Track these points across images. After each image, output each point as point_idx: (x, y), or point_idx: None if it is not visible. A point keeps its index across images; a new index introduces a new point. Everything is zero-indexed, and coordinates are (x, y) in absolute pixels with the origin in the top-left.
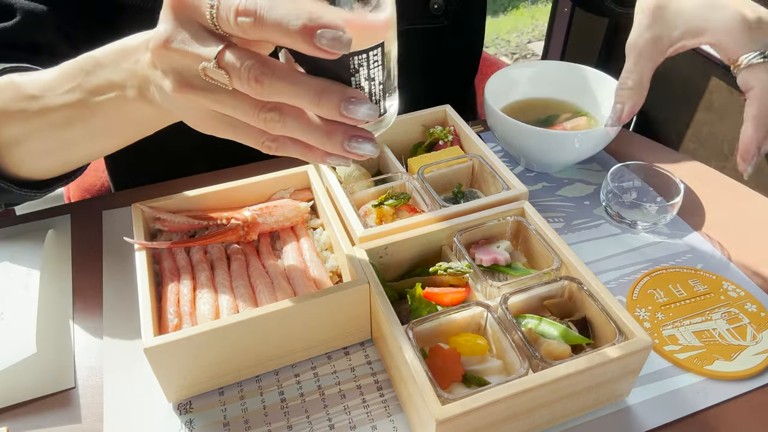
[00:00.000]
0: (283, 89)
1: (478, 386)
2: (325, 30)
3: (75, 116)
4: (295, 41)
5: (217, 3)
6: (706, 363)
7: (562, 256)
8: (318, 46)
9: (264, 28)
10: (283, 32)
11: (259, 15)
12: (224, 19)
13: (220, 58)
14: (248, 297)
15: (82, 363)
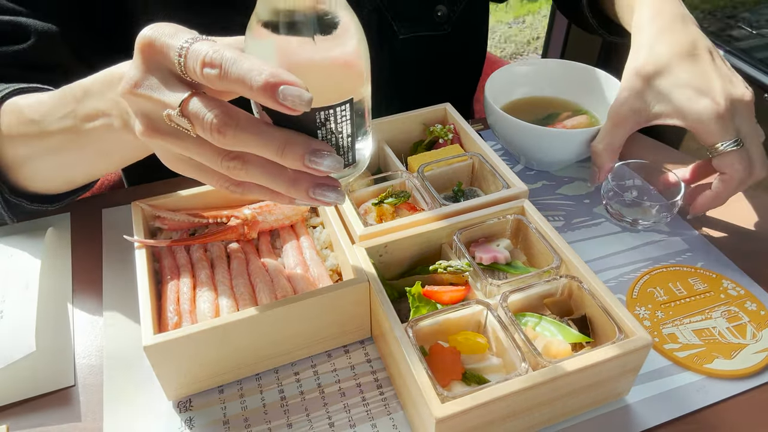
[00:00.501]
0: (246, 140)
1: (478, 384)
2: (288, 87)
3: (69, 141)
4: (257, 96)
5: (185, 52)
6: (706, 361)
7: (562, 254)
8: (280, 102)
9: (228, 81)
10: (246, 87)
11: (224, 68)
12: (191, 69)
13: (184, 107)
14: (248, 295)
15: (81, 361)
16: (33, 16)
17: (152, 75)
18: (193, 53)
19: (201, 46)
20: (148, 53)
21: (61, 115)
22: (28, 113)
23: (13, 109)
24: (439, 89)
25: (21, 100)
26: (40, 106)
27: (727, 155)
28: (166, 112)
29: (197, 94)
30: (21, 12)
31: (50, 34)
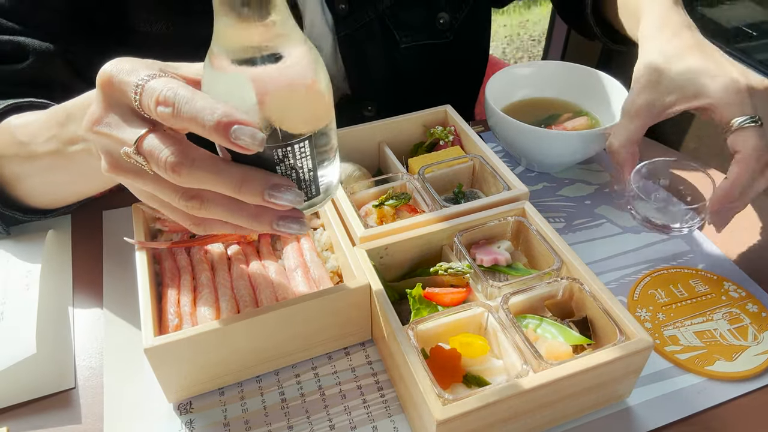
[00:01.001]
0: (202, 178)
1: (479, 387)
2: (240, 127)
3: (55, 164)
4: (211, 135)
5: (141, 90)
6: (707, 363)
7: (563, 256)
8: (232, 141)
9: (181, 119)
10: (199, 126)
11: (177, 107)
12: (146, 106)
13: (140, 144)
14: (249, 297)
15: (82, 363)
16: (32, 35)
17: (112, 112)
18: (148, 91)
19: (156, 84)
20: (108, 90)
21: (45, 138)
22: (18, 134)
23: (6, 129)
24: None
25: (14, 120)
26: (28, 128)
27: (743, 131)
28: (123, 149)
29: (154, 131)
30: (20, 31)
31: (49, 53)
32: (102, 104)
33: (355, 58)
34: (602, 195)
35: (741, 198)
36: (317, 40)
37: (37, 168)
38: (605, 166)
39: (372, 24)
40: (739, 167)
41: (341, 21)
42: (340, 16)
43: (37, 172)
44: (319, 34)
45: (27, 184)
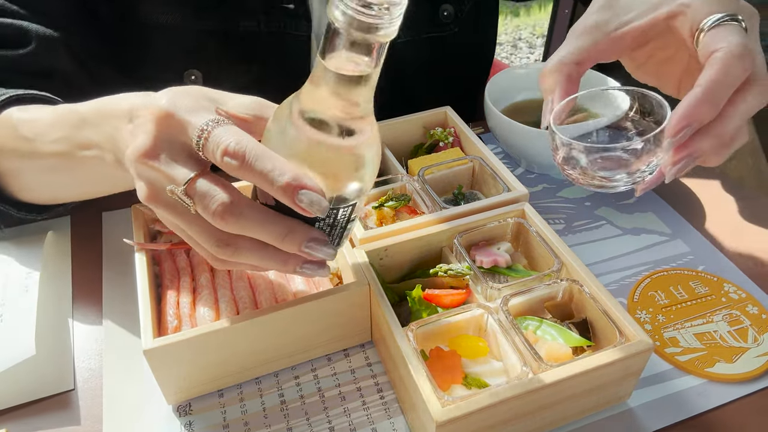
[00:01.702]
0: (248, 227)
1: (479, 388)
2: (307, 192)
3: (60, 165)
4: (276, 194)
5: (207, 135)
6: (707, 365)
7: (562, 257)
8: (296, 203)
9: (249, 173)
10: (267, 182)
11: (248, 162)
12: (210, 152)
13: (190, 186)
14: (248, 299)
15: (81, 365)
16: (35, 20)
17: (163, 146)
18: (215, 138)
19: (223, 132)
20: (164, 125)
21: (54, 138)
22: (21, 129)
23: (7, 122)
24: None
25: (16, 114)
26: (34, 125)
27: (722, 27)
28: (170, 187)
29: (205, 174)
30: (23, 15)
31: (52, 40)
32: (154, 137)
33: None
34: (602, 197)
35: (711, 111)
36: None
37: (38, 166)
38: None
39: None
40: (715, 67)
41: None
42: None
43: (38, 170)
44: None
45: (23, 180)
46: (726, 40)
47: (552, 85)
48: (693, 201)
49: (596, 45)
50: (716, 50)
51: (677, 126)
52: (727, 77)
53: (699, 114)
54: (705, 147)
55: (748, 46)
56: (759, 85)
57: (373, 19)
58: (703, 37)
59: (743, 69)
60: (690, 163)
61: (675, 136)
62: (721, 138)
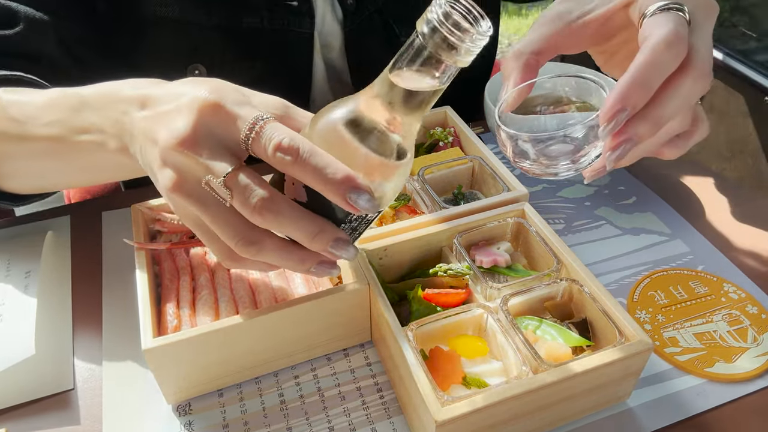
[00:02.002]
0: (283, 224)
1: (478, 388)
2: (362, 192)
3: (52, 150)
4: (329, 190)
5: (259, 129)
6: (707, 365)
7: (562, 257)
8: (347, 200)
9: (302, 168)
10: (320, 178)
11: (302, 157)
12: (261, 146)
13: (230, 178)
14: (248, 298)
15: (81, 364)
16: (25, 2)
17: (204, 136)
18: (268, 132)
19: (276, 127)
20: (210, 115)
21: (48, 120)
22: (11, 111)
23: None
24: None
25: (5, 95)
26: (26, 107)
27: (659, 16)
28: (208, 177)
29: (243, 168)
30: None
31: (41, 23)
32: (194, 126)
33: (359, 54)
34: (602, 196)
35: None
36: (328, 36)
37: (27, 150)
38: None
39: (373, 18)
40: (645, 53)
41: (349, 16)
42: (349, 11)
43: (27, 156)
44: (329, 31)
45: (9, 166)
46: (660, 26)
47: (509, 73)
48: (693, 201)
49: (557, 34)
50: (649, 36)
51: (610, 111)
52: (656, 62)
53: (630, 98)
54: (641, 131)
55: (680, 33)
56: (694, 71)
57: (461, 42)
58: (642, 23)
59: (674, 55)
60: (629, 149)
61: (609, 122)
62: (657, 122)
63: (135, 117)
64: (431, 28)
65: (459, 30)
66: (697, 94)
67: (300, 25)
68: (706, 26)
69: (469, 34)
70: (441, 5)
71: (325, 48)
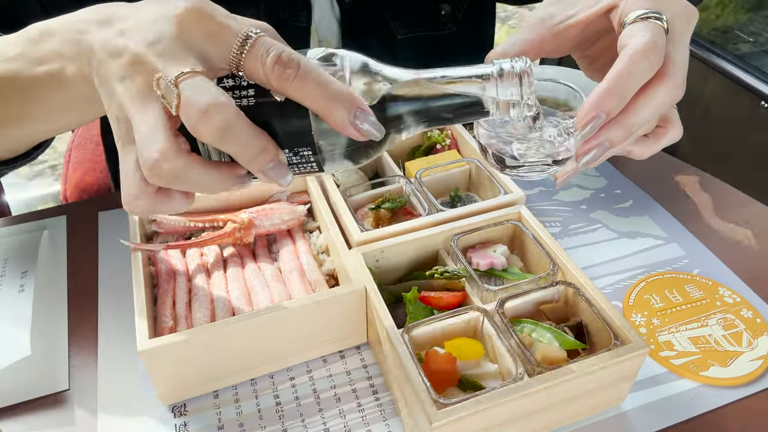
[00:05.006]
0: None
1: (474, 391)
2: (367, 113)
3: (11, 88)
4: (330, 107)
5: (254, 41)
6: (702, 369)
7: (558, 260)
8: (351, 121)
9: (302, 83)
10: (322, 95)
11: (303, 70)
12: (257, 58)
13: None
14: (244, 300)
15: (76, 365)
16: None
17: (181, 42)
18: (265, 44)
19: (271, 41)
20: (194, 26)
21: (6, 57)
22: None
23: None
24: None
25: None
26: None
27: (637, 24)
28: (158, 75)
29: (204, 73)
30: None
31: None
32: (174, 31)
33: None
34: (598, 200)
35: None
36: (325, 34)
37: None
38: (601, 171)
39: (370, 15)
40: (622, 61)
41: (346, 14)
42: (346, 9)
43: None
44: (327, 29)
45: None
46: (637, 35)
47: None
48: (688, 205)
49: (539, 38)
50: (626, 45)
51: (586, 117)
52: (632, 71)
53: (605, 105)
54: (612, 136)
55: (657, 44)
56: (669, 81)
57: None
58: (622, 31)
59: (649, 65)
60: (601, 153)
61: (584, 127)
62: (630, 128)
63: (96, 35)
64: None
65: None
66: (670, 102)
67: (297, 18)
68: (684, 35)
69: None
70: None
71: (322, 43)
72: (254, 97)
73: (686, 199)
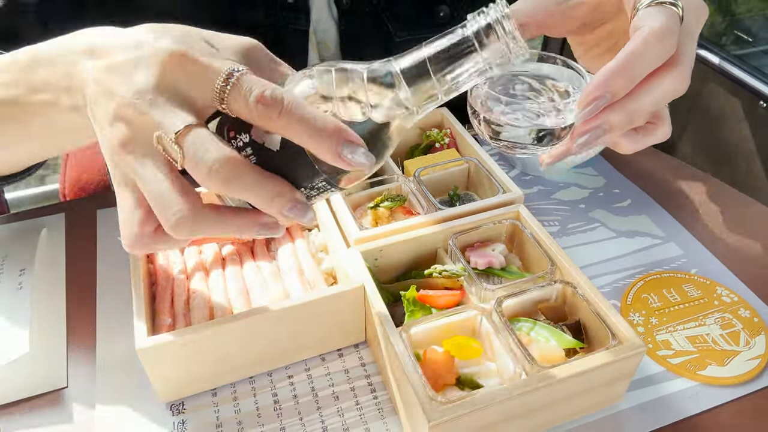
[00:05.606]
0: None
1: (472, 389)
2: (356, 146)
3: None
4: (318, 143)
5: (236, 81)
6: (699, 368)
7: (556, 259)
8: (340, 155)
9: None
10: (308, 131)
11: (287, 108)
12: (240, 99)
13: (183, 134)
14: (242, 298)
15: (74, 362)
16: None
17: (167, 91)
18: (247, 83)
19: (254, 78)
20: (176, 68)
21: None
22: None
23: None
24: None
25: None
26: None
27: (653, 8)
28: (158, 133)
29: (201, 125)
30: None
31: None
32: (158, 80)
33: (354, 53)
34: (597, 199)
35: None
36: (323, 36)
37: None
38: (600, 170)
39: (368, 18)
40: (635, 42)
41: (344, 15)
42: (344, 12)
43: None
44: (324, 30)
45: None
46: (653, 18)
47: None
48: (686, 204)
49: (545, 11)
50: (641, 27)
51: (591, 95)
52: (645, 53)
53: (612, 85)
54: (614, 120)
55: (672, 29)
56: (676, 72)
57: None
58: (636, 14)
59: (663, 49)
60: (597, 136)
61: (586, 106)
62: (632, 115)
63: (86, 67)
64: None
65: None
66: (674, 94)
67: (296, 21)
68: (694, 29)
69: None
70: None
71: (321, 45)
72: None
73: (685, 199)
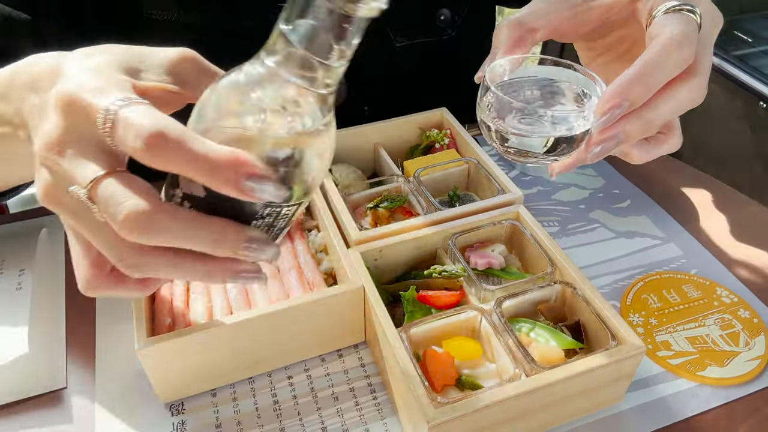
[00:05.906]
0: (165, 240)
1: (472, 390)
2: (261, 178)
3: None
4: (215, 179)
5: (114, 116)
6: (699, 369)
7: (556, 260)
8: (244, 190)
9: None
10: (200, 167)
11: (172, 142)
12: (121, 138)
13: (93, 187)
14: (242, 298)
15: (74, 363)
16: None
17: (72, 137)
18: (123, 120)
19: (134, 113)
20: (68, 112)
21: None
22: None
23: None
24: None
25: None
26: None
27: (671, 15)
28: (72, 188)
29: (115, 173)
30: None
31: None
32: (59, 126)
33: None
34: (596, 200)
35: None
36: None
37: None
38: (600, 171)
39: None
40: (654, 50)
41: None
42: None
43: None
44: None
45: None
46: (672, 26)
47: (500, 42)
48: (686, 205)
49: (558, 15)
50: (659, 34)
51: (608, 103)
52: (664, 61)
53: (630, 93)
54: (630, 129)
55: (690, 37)
56: (694, 81)
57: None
58: (653, 21)
59: (681, 57)
60: (613, 146)
61: (603, 115)
62: (648, 124)
63: (30, 104)
64: None
65: None
66: (691, 104)
67: None
68: (711, 38)
69: None
70: None
71: None
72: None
73: (684, 199)
